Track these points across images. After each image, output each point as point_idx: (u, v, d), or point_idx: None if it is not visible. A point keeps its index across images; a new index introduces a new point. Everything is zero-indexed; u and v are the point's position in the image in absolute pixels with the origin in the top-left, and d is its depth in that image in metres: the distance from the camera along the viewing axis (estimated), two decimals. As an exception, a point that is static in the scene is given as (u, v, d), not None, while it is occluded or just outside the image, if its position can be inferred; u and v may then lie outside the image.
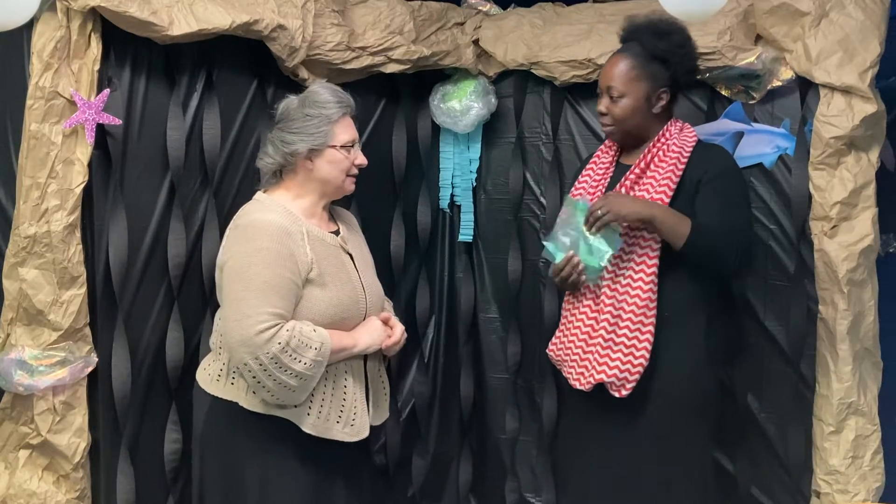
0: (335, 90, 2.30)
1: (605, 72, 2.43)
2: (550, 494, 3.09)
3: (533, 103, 3.10)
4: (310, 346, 2.06)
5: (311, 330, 2.09)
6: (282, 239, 2.11)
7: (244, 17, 2.51)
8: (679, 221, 2.29)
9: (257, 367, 2.03)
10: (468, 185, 3.22)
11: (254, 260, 2.08)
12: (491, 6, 3.20)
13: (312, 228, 2.21)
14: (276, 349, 2.01)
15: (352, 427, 2.19)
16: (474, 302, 3.25)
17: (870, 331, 2.59)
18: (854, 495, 2.53)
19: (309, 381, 2.08)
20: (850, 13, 2.52)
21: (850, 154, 2.54)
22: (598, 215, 2.28)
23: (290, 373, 2.04)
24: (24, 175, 2.29)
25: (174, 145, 2.53)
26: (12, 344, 2.34)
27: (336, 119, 2.24)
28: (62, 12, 2.27)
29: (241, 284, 2.08)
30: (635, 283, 2.33)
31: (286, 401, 2.09)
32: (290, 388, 2.06)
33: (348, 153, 2.27)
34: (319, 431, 2.14)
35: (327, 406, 2.15)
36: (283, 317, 2.06)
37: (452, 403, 3.27)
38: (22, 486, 2.38)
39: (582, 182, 2.53)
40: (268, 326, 2.02)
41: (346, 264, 2.26)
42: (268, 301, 2.05)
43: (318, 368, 2.09)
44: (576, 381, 2.41)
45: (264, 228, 2.12)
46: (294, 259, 2.11)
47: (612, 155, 2.51)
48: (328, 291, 2.16)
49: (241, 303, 2.06)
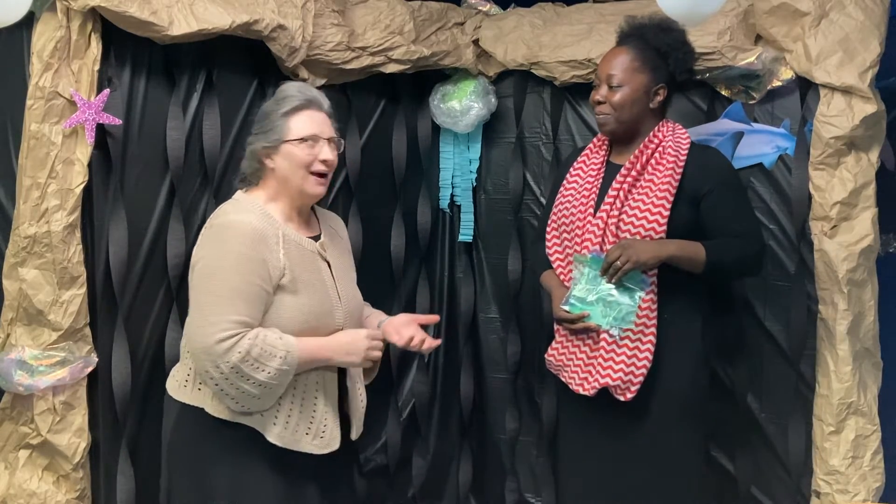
0: (301, 86, 2.20)
1: (606, 61, 2.42)
2: (550, 494, 3.09)
3: (533, 103, 3.10)
4: (274, 356, 1.99)
5: (276, 338, 2.01)
6: (254, 243, 2.03)
7: (244, 17, 2.51)
8: (694, 251, 2.30)
9: (218, 375, 1.97)
10: (468, 185, 3.22)
11: (224, 264, 2.02)
12: (491, 6, 3.21)
13: (289, 232, 2.12)
14: (237, 359, 1.96)
15: (321, 439, 2.12)
16: (474, 302, 3.25)
17: (870, 331, 2.59)
18: (854, 495, 2.53)
19: (274, 390, 2.03)
20: (850, 13, 2.52)
21: (850, 154, 2.54)
22: (617, 266, 2.25)
23: (252, 382, 1.98)
24: (24, 175, 2.29)
25: (174, 145, 2.53)
26: (12, 344, 2.34)
27: (290, 113, 2.12)
28: (62, 12, 2.27)
29: (207, 289, 2.02)
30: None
31: (251, 408, 2.04)
32: (254, 397, 2.01)
33: (310, 148, 2.12)
34: (286, 443, 2.07)
35: (295, 417, 2.09)
36: (248, 324, 2.00)
37: (452, 403, 3.27)
38: (22, 486, 2.38)
39: (572, 182, 2.50)
40: (229, 335, 1.96)
41: (322, 271, 2.17)
42: (233, 308, 1.98)
43: (284, 377, 2.02)
44: (578, 387, 2.39)
45: (238, 230, 2.04)
46: (265, 264, 2.03)
47: (603, 154, 2.49)
48: (299, 298, 2.08)
49: (205, 308, 2.00)
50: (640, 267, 2.26)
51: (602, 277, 2.30)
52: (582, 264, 2.35)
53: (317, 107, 2.16)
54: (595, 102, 2.42)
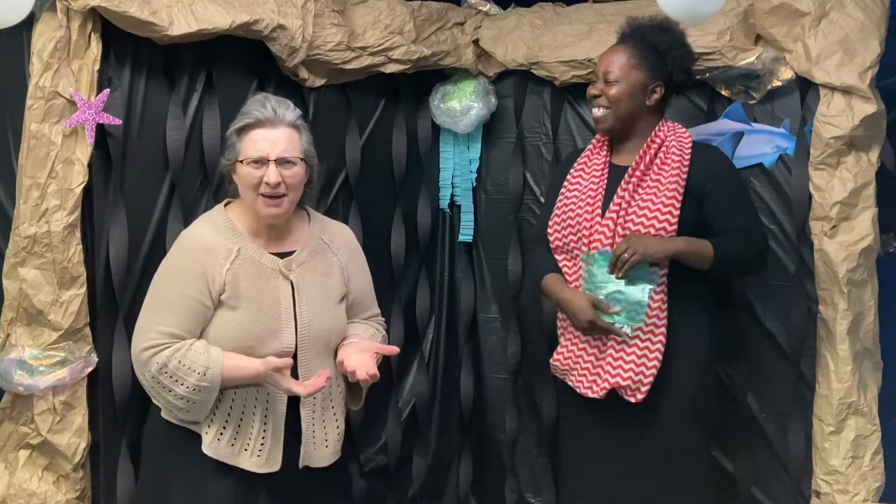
0: (263, 99, 2.11)
1: (604, 58, 2.44)
2: (550, 494, 3.09)
3: (533, 103, 3.10)
4: (193, 370, 2.00)
5: (200, 353, 2.01)
6: (197, 256, 2.06)
7: (244, 17, 2.51)
8: (702, 247, 2.32)
9: (145, 382, 2.07)
10: (468, 185, 3.22)
11: (165, 274, 2.10)
12: (491, 6, 3.21)
13: (248, 247, 2.10)
14: (154, 370, 2.01)
15: (258, 457, 2.08)
16: (474, 302, 3.25)
17: (870, 331, 2.59)
18: (854, 495, 2.53)
19: (197, 405, 2.03)
20: (850, 13, 2.52)
21: (850, 154, 2.54)
22: (625, 258, 2.26)
23: (173, 394, 2.03)
24: (24, 175, 2.29)
25: (174, 145, 2.53)
26: (12, 344, 2.35)
27: (242, 131, 2.08)
28: (62, 12, 2.28)
29: (149, 297, 2.11)
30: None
31: (182, 417, 2.08)
32: (179, 409, 2.05)
33: (256, 170, 2.04)
34: (222, 456, 2.07)
35: (230, 432, 2.07)
36: (177, 336, 2.02)
37: (452, 403, 3.27)
38: (22, 486, 2.38)
39: (575, 183, 2.51)
40: (152, 346, 2.01)
41: (279, 290, 2.10)
42: (162, 319, 2.03)
43: (206, 393, 2.02)
44: (587, 390, 2.39)
45: (184, 243, 2.12)
46: (204, 278, 2.04)
47: (604, 155, 2.49)
48: (237, 315, 2.05)
49: (142, 316, 2.09)
50: (648, 259, 2.26)
51: (611, 275, 2.30)
52: (589, 264, 2.35)
53: (270, 125, 2.07)
54: (592, 96, 2.43)
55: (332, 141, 2.89)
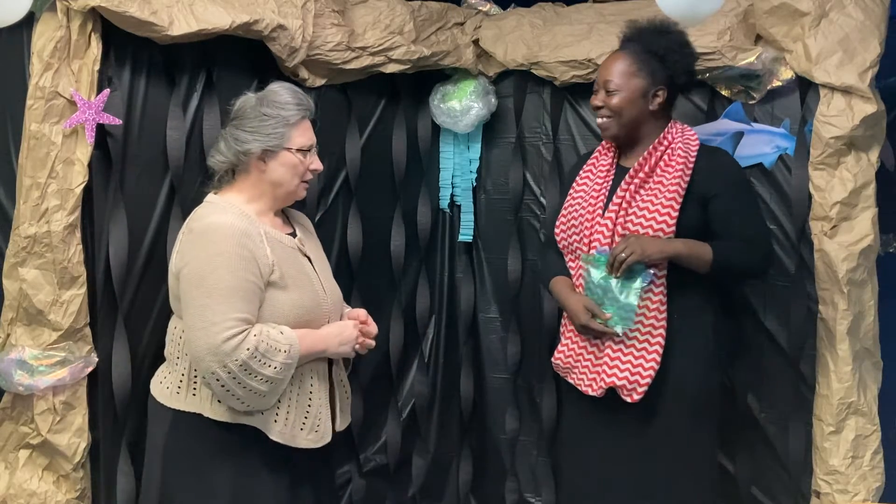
0: (295, 91, 2.23)
1: (604, 67, 2.44)
2: (550, 494, 3.09)
3: (533, 103, 3.10)
4: (279, 350, 2.02)
5: (278, 333, 2.05)
6: (242, 241, 2.06)
7: (244, 17, 2.51)
8: (701, 251, 2.31)
9: (226, 375, 1.98)
10: (468, 185, 3.22)
11: (214, 265, 2.03)
12: (491, 6, 3.21)
13: (269, 230, 2.17)
14: (245, 355, 1.98)
15: (316, 433, 2.16)
16: (474, 302, 3.25)
17: (870, 331, 2.59)
18: (854, 495, 2.53)
19: (279, 385, 2.05)
20: (850, 13, 2.51)
21: (850, 154, 2.54)
22: (622, 258, 2.26)
23: (260, 378, 2.01)
24: (24, 175, 2.29)
25: (174, 145, 2.53)
26: (12, 344, 2.34)
27: (294, 122, 2.18)
28: (62, 12, 2.27)
29: (202, 291, 2.02)
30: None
31: (256, 406, 2.06)
32: (260, 394, 2.03)
33: (304, 157, 2.20)
34: (286, 439, 2.10)
35: (293, 412, 2.11)
36: (249, 321, 2.02)
37: (452, 403, 3.27)
38: (22, 486, 2.38)
39: (581, 185, 2.52)
40: (235, 333, 1.98)
41: (305, 266, 2.22)
42: (233, 306, 2.00)
43: (288, 371, 2.05)
44: (587, 388, 2.40)
45: (222, 231, 2.06)
46: (255, 262, 2.06)
47: (612, 157, 2.50)
48: (290, 294, 2.11)
49: (205, 310, 2.00)
50: (646, 259, 2.26)
51: (609, 276, 2.30)
52: (588, 265, 2.35)
53: (311, 115, 2.25)
54: (595, 107, 2.44)
55: (332, 141, 2.89)
